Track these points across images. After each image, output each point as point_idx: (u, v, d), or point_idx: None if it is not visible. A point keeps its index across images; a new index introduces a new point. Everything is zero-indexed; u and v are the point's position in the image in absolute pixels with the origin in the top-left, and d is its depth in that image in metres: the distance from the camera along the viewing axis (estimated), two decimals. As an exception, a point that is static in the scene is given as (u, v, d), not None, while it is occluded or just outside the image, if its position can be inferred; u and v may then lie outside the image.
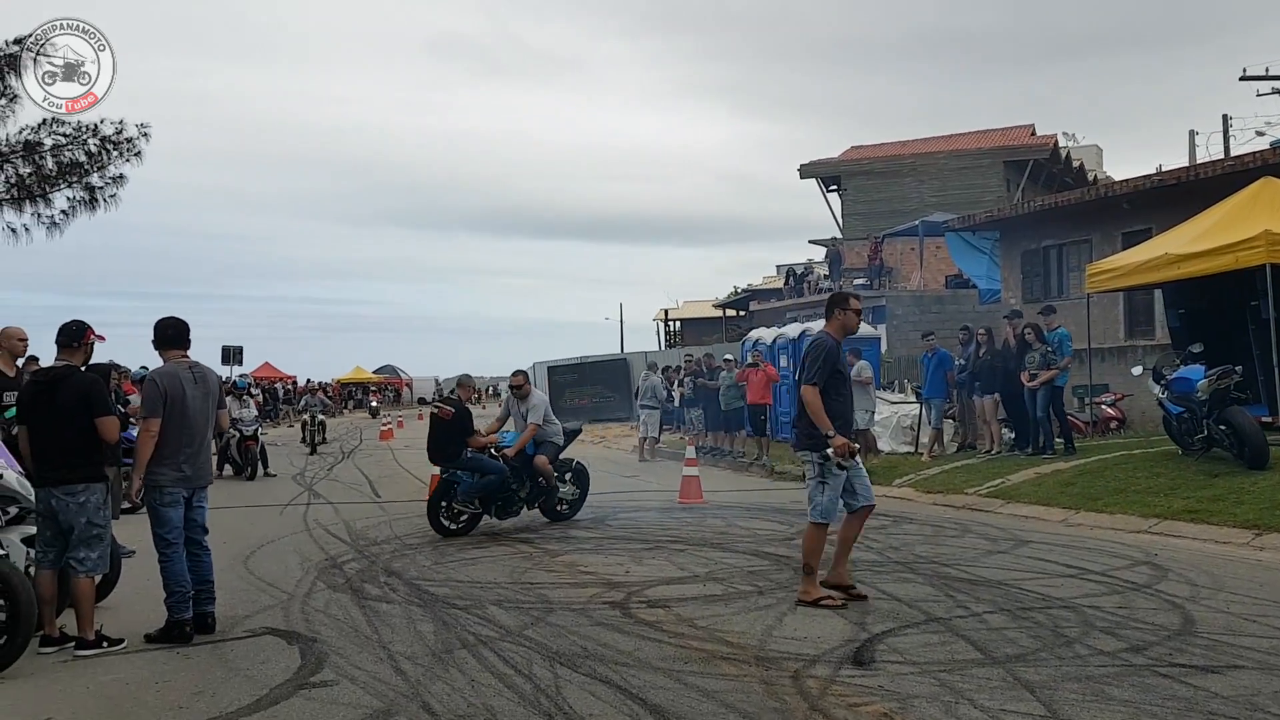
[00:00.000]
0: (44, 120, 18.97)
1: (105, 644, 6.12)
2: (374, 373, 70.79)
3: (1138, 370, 13.24)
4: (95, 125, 19.43)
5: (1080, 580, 7.46)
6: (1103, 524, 10.01)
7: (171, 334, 6.63)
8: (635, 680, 5.16)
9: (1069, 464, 12.80)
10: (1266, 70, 32.42)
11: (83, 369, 6.47)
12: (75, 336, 6.44)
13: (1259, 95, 33.51)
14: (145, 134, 19.97)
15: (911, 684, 5.00)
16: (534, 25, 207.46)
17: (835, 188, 41.13)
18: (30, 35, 16.69)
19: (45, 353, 9.21)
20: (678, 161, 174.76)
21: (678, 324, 59.14)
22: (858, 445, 6.98)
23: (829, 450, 6.69)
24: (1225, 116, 33.09)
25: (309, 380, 53.50)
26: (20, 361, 8.74)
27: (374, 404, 56.12)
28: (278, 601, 7.42)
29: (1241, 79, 32.47)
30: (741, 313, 47.91)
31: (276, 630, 6.54)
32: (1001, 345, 14.87)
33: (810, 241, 46.36)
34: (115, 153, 19.58)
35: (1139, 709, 4.58)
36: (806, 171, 41.09)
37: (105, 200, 19.92)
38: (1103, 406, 17.68)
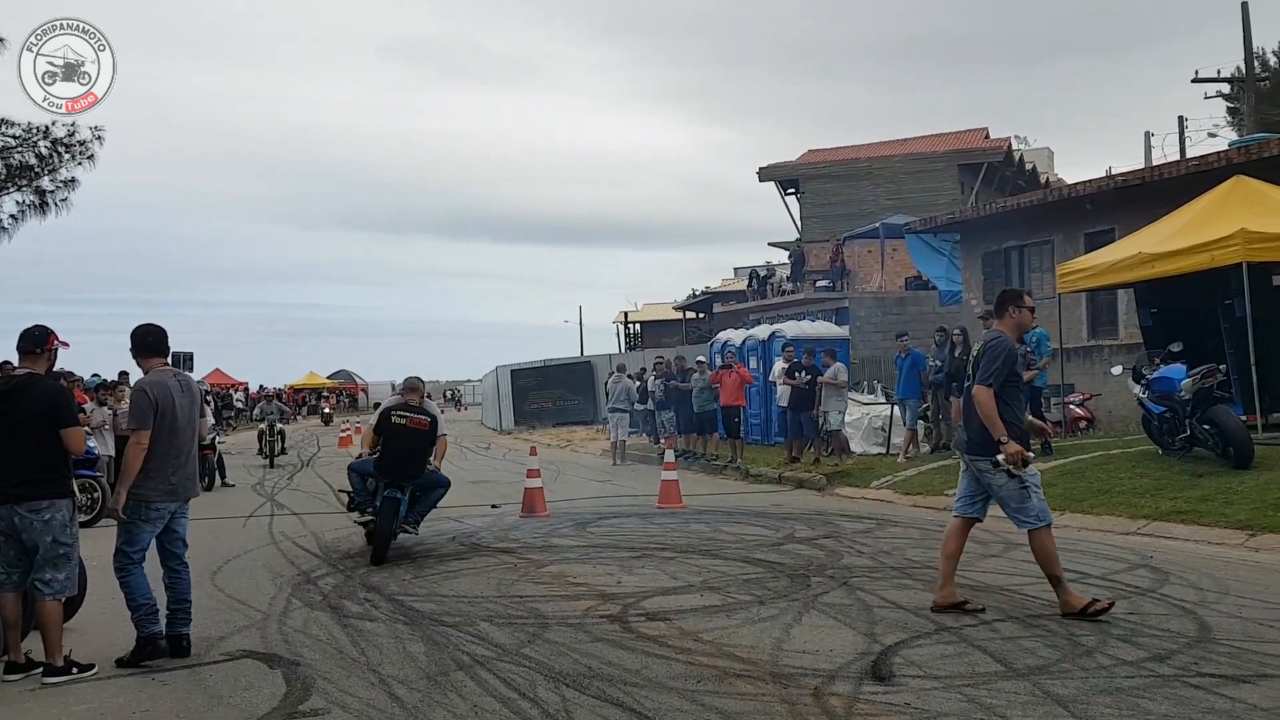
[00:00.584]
0: (-8, 123, 18.38)
1: (75, 670, 5.74)
2: (328, 378, 69.77)
3: (1117, 370, 13.21)
4: (46, 127, 18.84)
5: (1082, 585, 7.27)
6: (1090, 525, 9.91)
7: (152, 341, 6.27)
8: (649, 702, 4.89)
9: (1047, 464, 12.70)
10: (1218, 73, 33.04)
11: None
12: (38, 342, 6.05)
13: (1206, 98, 34.16)
14: (99, 137, 19.38)
15: (939, 700, 4.78)
16: (492, 29, 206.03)
17: (793, 191, 41.14)
18: None
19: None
20: (636, 165, 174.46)
21: (637, 326, 58.94)
22: (1031, 454, 6.52)
23: (999, 457, 6.29)
24: (1181, 118, 33.66)
25: (262, 386, 52.39)
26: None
27: (326, 410, 55.27)
28: (252, 621, 7.05)
29: (1194, 81, 33.10)
30: (702, 315, 47.83)
31: (255, 653, 6.18)
32: (977, 346, 14.78)
33: (770, 244, 46.35)
34: (67, 155, 18.96)
35: (1179, 723, 4.42)
36: (765, 175, 41.03)
37: (56, 204, 19.33)
38: (1072, 406, 17.69)
